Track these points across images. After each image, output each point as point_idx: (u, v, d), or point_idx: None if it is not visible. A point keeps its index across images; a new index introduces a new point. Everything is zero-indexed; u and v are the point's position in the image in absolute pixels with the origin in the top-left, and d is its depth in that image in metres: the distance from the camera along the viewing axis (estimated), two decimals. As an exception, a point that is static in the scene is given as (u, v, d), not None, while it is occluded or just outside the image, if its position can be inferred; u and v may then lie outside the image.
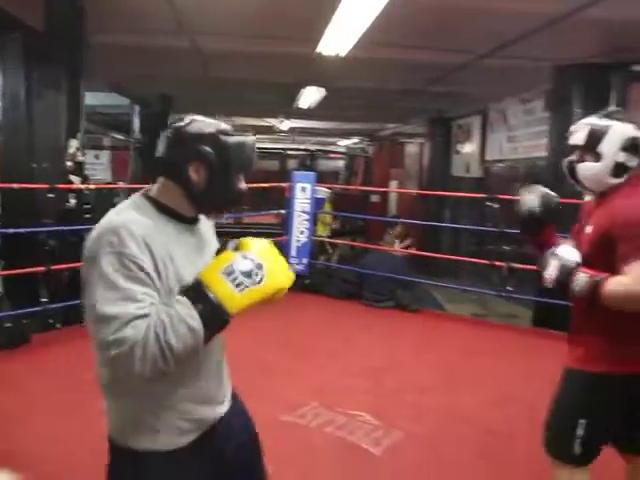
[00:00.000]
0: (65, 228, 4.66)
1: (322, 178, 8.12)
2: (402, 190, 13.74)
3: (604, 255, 1.79)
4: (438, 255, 10.26)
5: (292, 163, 14.99)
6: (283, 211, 6.70)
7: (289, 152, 13.93)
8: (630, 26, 4.84)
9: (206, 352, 1.37)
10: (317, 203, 6.59)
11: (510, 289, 5.74)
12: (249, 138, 1.39)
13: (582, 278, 1.78)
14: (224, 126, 1.37)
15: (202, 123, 1.35)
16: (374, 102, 9.23)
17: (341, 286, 6.37)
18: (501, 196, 8.14)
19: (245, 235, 1.39)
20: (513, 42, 5.14)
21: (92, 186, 5.28)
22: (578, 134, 1.91)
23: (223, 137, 1.33)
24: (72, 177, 4.77)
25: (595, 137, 1.85)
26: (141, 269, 1.22)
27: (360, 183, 14.83)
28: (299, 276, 6.47)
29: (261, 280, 1.28)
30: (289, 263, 6.33)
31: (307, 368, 4.12)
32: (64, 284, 4.73)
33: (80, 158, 4.89)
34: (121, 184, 8.83)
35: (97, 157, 9.51)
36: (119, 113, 10.13)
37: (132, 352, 1.16)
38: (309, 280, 6.49)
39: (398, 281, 6.11)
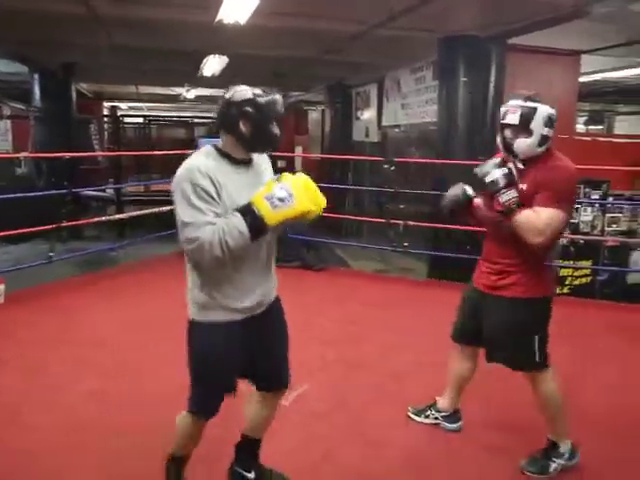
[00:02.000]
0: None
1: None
2: (307, 155, 13.71)
3: (530, 200, 2.20)
4: (341, 216, 10.40)
5: (201, 132, 14.54)
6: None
7: (197, 120, 13.46)
8: (505, 1, 5.00)
9: (255, 258, 1.92)
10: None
11: (406, 244, 5.90)
12: (276, 96, 1.88)
13: (512, 193, 2.18)
14: (257, 91, 1.85)
15: (241, 92, 1.85)
16: (276, 70, 9.05)
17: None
18: (397, 159, 8.32)
19: (153, 202, 1.56)
20: (402, 14, 5.16)
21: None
22: (511, 115, 2.27)
23: (258, 99, 1.83)
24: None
25: (527, 118, 2.23)
26: (207, 193, 1.75)
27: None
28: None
29: (291, 204, 1.74)
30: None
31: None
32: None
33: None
34: (24, 154, 8.24)
35: (-5, 126, 8.77)
36: (18, 81, 9.36)
37: (202, 247, 1.73)
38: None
39: (304, 242, 6.12)
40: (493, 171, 2.23)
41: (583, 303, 5.55)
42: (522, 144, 2.25)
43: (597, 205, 7.21)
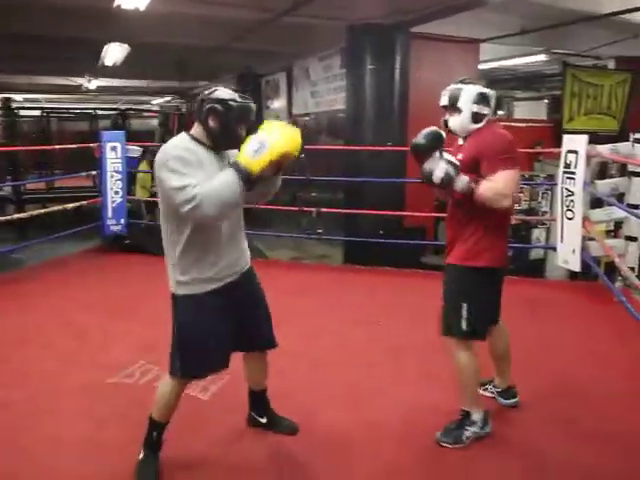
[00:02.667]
0: None
1: (137, 138, 7.60)
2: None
3: (472, 173, 2.31)
4: (255, 206, 10.31)
5: (105, 124, 13.88)
6: (94, 172, 6.19)
7: (100, 112, 12.82)
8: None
9: (225, 231, 2.12)
10: (130, 162, 6.17)
11: (320, 231, 5.94)
12: (250, 104, 2.08)
13: (463, 179, 2.28)
14: (233, 95, 2.05)
15: (218, 91, 2.05)
16: (182, 59, 8.80)
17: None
18: (307, 147, 8.35)
19: (57, 200, 1.46)
20: (307, 2, 5.17)
21: None
22: (443, 98, 2.46)
23: (230, 102, 2.02)
24: None
25: (453, 97, 2.42)
26: (190, 163, 1.94)
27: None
28: (118, 236, 6.09)
29: (266, 151, 1.90)
30: (105, 225, 5.93)
31: (133, 328, 3.91)
32: None
33: None
34: None
35: None
36: None
37: (201, 203, 1.87)
38: (129, 240, 6.14)
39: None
40: (436, 168, 2.30)
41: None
42: (454, 122, 2.45)
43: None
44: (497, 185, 2.26)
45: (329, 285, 5.08)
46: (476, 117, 2.40)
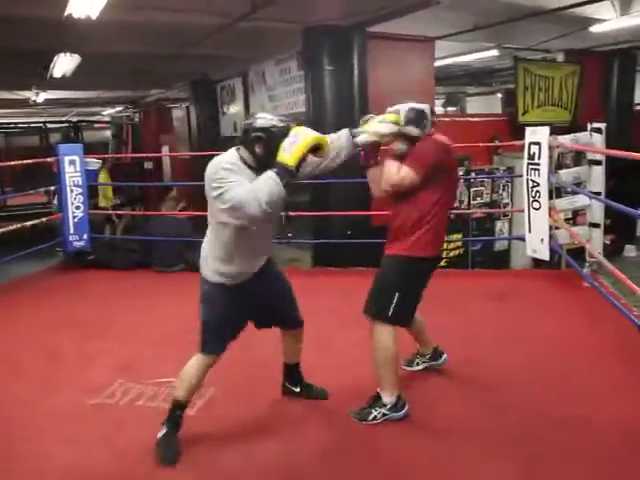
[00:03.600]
0: None
1: (91, 150, 7.40)
2: (174, 154, 13.27)
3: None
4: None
5: (56, 137, 13.50)
6: (52, 188, 5.99)
7: (50, 126, 12.45)
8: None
9: (262, 233, 2.42)
10: (89, 175, 6.00)
11: (290, 235, 5.92)
12: (287, 126, 2.27)
13: (403, 146, 2.64)
14: (272, 121, 2.29)
15: (261, 120, 2.30)
16: (135, 68, 8.61)
17: (127, 257, 5.97)
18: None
19: (10, 218, 1.38)
20: (264, 5, 5.12)
21: None
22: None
23: (272, 129, 2.25)
24: None
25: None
26: (236, 173, 2.21)
27: (130, 152, 13.93)
28: (81, 252, 5.90)
29: (299, 141, 2.19)
30: (67, 241, 5.73)
31: (106, 346, 3.79)
32: None
33: None
34: None
35: None
36: None
37: (249, 200, 2.12)
38: (93, 256, 5.96)
39: (185, 244, 5.90)
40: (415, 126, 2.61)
41: (458, 273, 5.91)
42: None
43: (462, 180, 7.72)
44: (396, 171, 2.58)
45: (300, 288, 5.01)
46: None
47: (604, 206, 4.66)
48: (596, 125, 4.72)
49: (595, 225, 4.77)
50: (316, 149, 2.28)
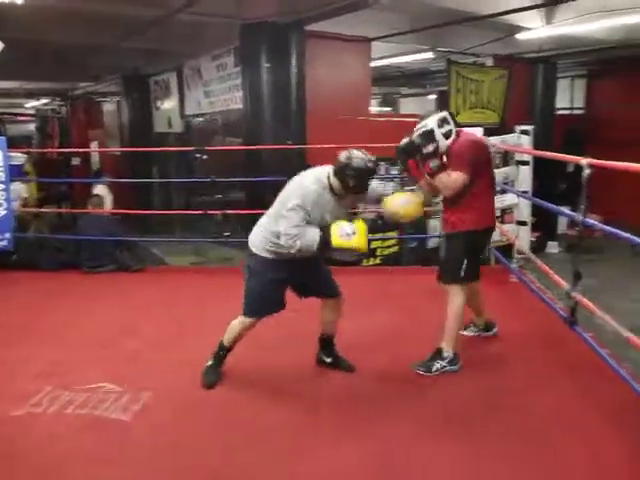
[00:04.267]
0: None
1: (13, 144, 6.98)
2: (104, 150, 12.81)
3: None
4: (151, 211, 9.92)
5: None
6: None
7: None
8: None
9: None
10: (14, 171, 5.66)
11: (227, 234, 5.82)
12: (375, 168, 2.84)
13: (436, 162, 3.08)
14: (366, 162, 2.77)
15: (357, 160, 2.76)
16: (62, 58, 8.21)
17: (55, 257, 5.68)
18: (208, 148, 8.13)
19: None
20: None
21: None
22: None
23: (364, 169, 2.76)
24: None
25: (426, 139, 3.08)
26: (309, 205, 2.74)
27: (57, 146, 13.31)
28: (4, 253, 5.56)
29: (351, 240, 2.73)
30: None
31: (31, 352, 3.57)
32: None
33: None
34: None
35: None
36: None
37: (292, 239, 2.72)
38: (17, 256, 5.63)
39: (116, 243, 5.69)
40: (428, 145, 3.07)
41: (397, 270, 6.01)
42: (441, 146, 3.11)
43: (396, 179, 7.84)
44: (448, 178, 3.06)
45: (236, 288, 4.94)
46: (446, 135, 3.10)
47: (531, 205, 4.86)
48: (524, 127, 4.91)
49: (522, 223, 4.97)
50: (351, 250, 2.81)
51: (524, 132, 4.91)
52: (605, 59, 9.83)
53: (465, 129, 3.33)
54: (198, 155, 7.95)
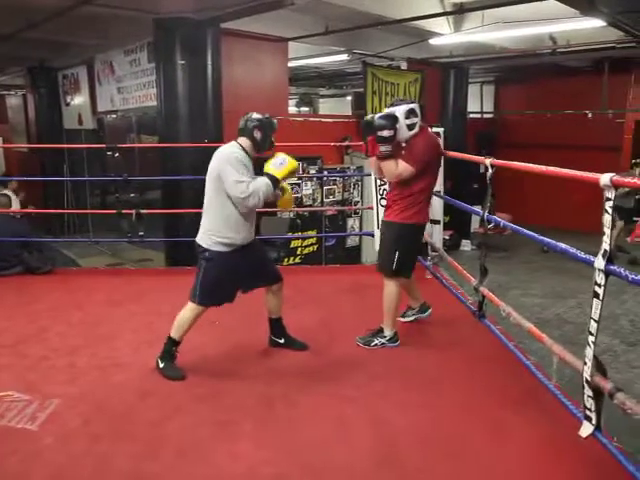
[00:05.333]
0: None
1: None
2: (9, 146, 12.11)
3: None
4: (61, 211, 9.49)
5: None
6: None
7: None
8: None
9: (250, 220, 3.15)
10: None
11: (141, 234, 5.66)
12: (273, 119, 3.18)
13: (387, 148, 3.30)
14: (265, 115, 3.15)
15: (256, 114, 3.13)
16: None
17: (-46, 260, 5.31)
18: (121, 145, 7.88)
19: None
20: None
21: None
22: (382, 128, 3.30)
23: (265, 119, 3.13)
24: None
25: (388, 124, 3.26)
26: (245, 167, 3.02)
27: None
28: None
29: (286, 164, 3.07)
30: None
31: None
32: None
33: None
34: None
35: None
36: None
37: (250, 195, 2.94)
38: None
39: (23, 244, 5.40)
40: (384, 130, 3.26)
41: (313, 269, 6.09)
42: (399, 136, 3.32)
43: (315, 179, 7.95)
44: (398, 167, 3.31)
45: (154, 289, 4.84)
46: (409, 127, 3.32)
47: (443, 204, 5.08)
48: (435, 129, 5.12)
49: (436, 221, 5.18)
50: (292, 173, 3.15)
51: (435, 134, 5.11)
52: (511, 66, 10.42)
53: (429, 129, 3.59)
54: (109, 153, 7.68)
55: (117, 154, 7.41)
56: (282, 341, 3.49)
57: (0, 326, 3.95)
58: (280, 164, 3.05)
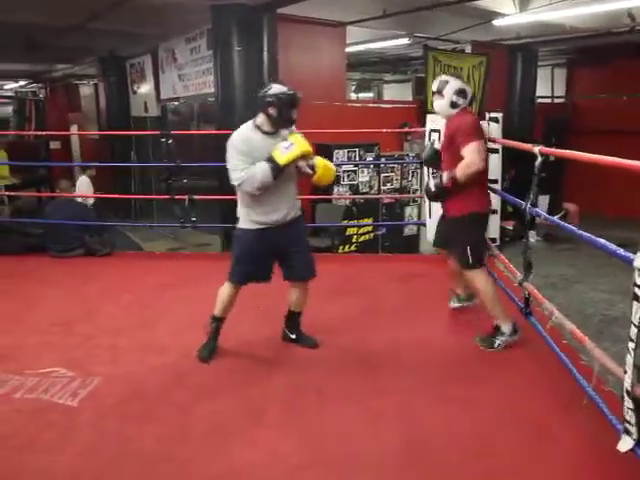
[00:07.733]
0: None
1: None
2: (83, 133, 12.64)
3: (450, 148, 3.25)
4: (126, 196, 9.81)
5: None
6: None
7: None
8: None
9: (279, 191, 3.01)
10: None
11: (194, 219, 5.75)
12: (294, 93, 2.94)
13: (445, 175, 3.20)
14: (284, 89, 2.92)
15: (275, 88, 2.92)
16: (30, 39, 8.04)
17: (22, 241, 5.60)
18: (173, 132, 8.02)
19: None
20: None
21: None
22: (434, 84, 3.35)
23: (281, 95, 2.89)
24: None
25: (441, 86, 3.28)
26: (242, 152, 2.90)
27: (34, 129, 13.11)
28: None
29: (293, 148, 2.91)
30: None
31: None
32: None
33: None
34: None
35: None
36: None
37: (243, 183, 2.89)
38: (-19, 241, 5.55)
39: (85, 227, 5.63)
40: (429, 183, 3.35)
41: (366, 258, 6.01)
42: (436, 104, 3.36)
43: (372, 166, 7.82)
44: (465, 161, 3.10)
45: (208, 274, 4.87)
46: (453, 104, 3.25)
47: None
48: (494, 115, 4.89)
49: (493, 212, 4.96)
50: (304, 157, 3.00)
51: (493, 119, 4.88)
52: (584, 47, 9.82)
53: (472, 113, 3.45)
54: (163, 140, 7.84)
55: (169, 140, 7.54)
56: (294, 336, 3.38)
57: (55, 306, 4.14)
58: (285, 149, 2.90)
